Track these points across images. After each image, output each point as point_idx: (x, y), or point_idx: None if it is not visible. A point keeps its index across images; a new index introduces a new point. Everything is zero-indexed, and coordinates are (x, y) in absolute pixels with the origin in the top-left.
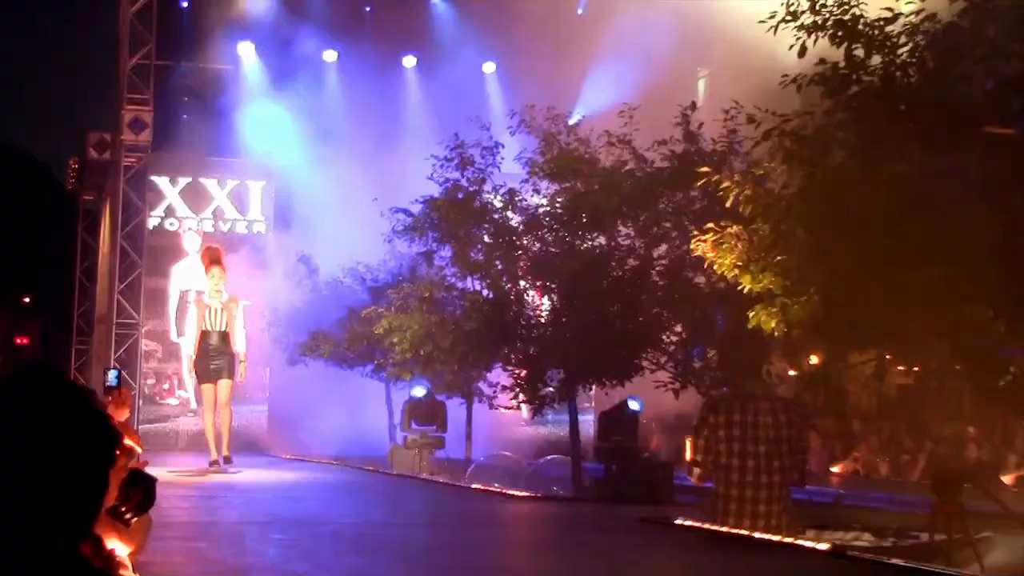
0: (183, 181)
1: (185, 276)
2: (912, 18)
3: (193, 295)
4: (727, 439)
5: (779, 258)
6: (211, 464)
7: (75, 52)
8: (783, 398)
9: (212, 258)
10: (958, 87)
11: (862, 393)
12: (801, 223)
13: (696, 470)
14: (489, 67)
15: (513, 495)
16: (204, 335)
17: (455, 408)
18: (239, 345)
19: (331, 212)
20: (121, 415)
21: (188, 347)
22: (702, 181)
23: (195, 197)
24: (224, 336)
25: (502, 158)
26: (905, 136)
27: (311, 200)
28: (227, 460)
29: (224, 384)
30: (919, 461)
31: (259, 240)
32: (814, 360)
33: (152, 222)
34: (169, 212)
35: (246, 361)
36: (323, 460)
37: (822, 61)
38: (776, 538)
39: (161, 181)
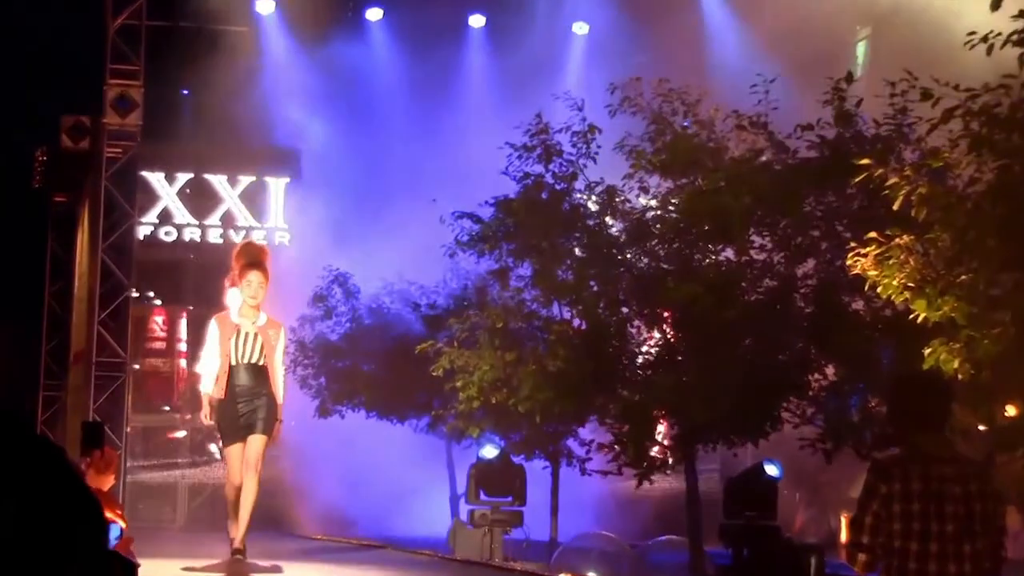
0: (183, 178)
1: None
2: None
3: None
4: (903, 516)
5: (964, 277)
6: (233, 554)
7: (44, 11)
8: (973, 461)
9: (251, 259)
10: None
11: None
12: (993, 231)
13: (860, 556)
14: (581, 28)
15: None
16: (230, 372)
17: (536, 474)
18: (278, 389)
19: (374, 217)
20: (104, 482)
21: (207, 384)
22: (861, 176)
23: (198, 198)
24: (260, 373)
25: (599, 147)
26: None
27: (348, 202)
28: (238, 553)
29: (255, 442)
30: None
31: (281, 254)
32: (1011, 411)
33: (143, 231)
34: (165, 218)
35: (282, 417)
36: (365, 542)
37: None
38: None
39: (155, 178)
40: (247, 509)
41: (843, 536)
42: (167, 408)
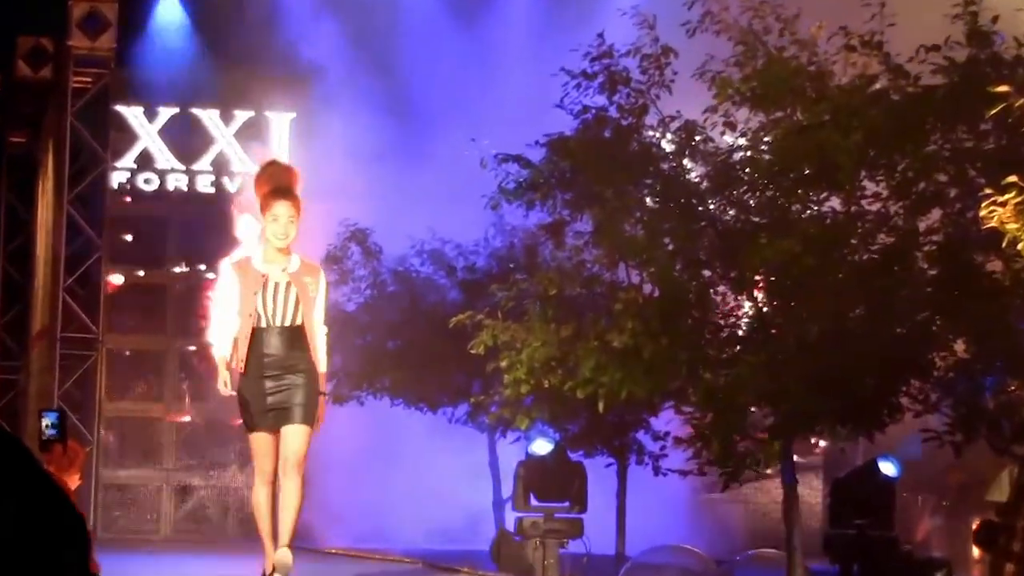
0: (166, 113)
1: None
2: None
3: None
4: None
5: None
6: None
7: None
8: None
9: (276, 183)
10: None
11: None
12: None
13: (1009, 567)
14: None
15: None
16: (254, 336)
17: (599, 473)
18: (320, 356)
19: (399, 161)
20: (68, 482)
21: (221, 347)
22: (999, 108)
23: (186, 138)
24: (296, 337)
25: (674, 73)
26: None
27: (367, 143)
28: (278, 571)
29: (295, 436)
30: None
31: None
32: None
33: (118, 178)
34: (144, 162)
35: (326, 389)
36: (392, 557)
37: None
38: None
39: (132, 113)
40: (292, 514)
41: (977, 547)
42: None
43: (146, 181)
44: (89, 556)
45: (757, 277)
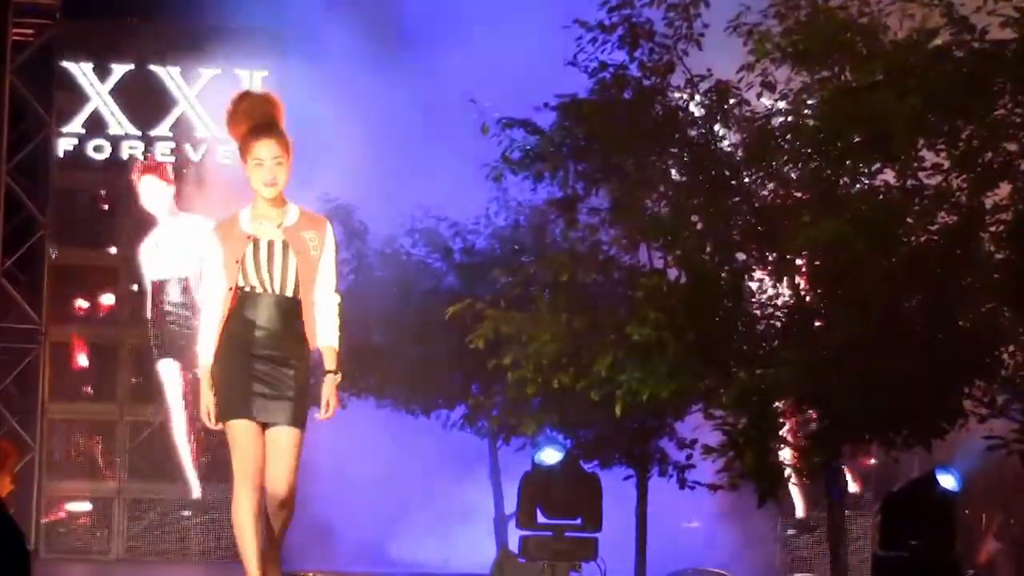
0: (120, 70)
1: (163, 258)
2: None
3: (175, 287)
4: None
5: None
6: None
7: None
8: None
9: (256, 119)
10: None
11: None
12: None
13: None
14: None
15: None
16: (237, 304)
17: (615, 486)
18: (326, 332)
19: (387, 127)
20: None
21: (205, 345)
22: None
23: (142, 99)
24: (292, 310)
25: (705, 26)
26: None
27: (350, 105)
28: None
29: (282, 439)
30: None
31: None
32: None
33: (64, 145)
34: (94, 126)
35: (337, 367)
36: None
37: None
38: None
39: (81, 71)
40: (277, 536)
41: None
42: None
43: (96, 148)
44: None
45: (799, 261)
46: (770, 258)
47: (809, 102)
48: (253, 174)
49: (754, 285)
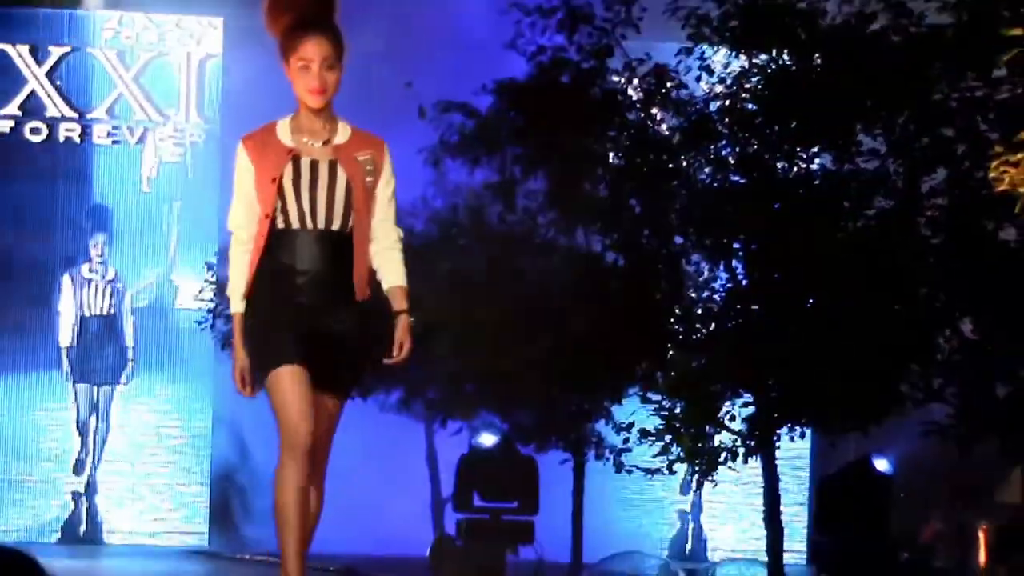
0: (57, 52)
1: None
2: None
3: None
4: None
5: None
6: None
7: None
8: None
9: (301, 11)
10: None
11: None
12: None
13: None
14: None
15: None
16: (272, 244)
17: (552, 470)
18: (393, 272)
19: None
20: None
21: (237, 277)
22: (1014, 52)
23: (77, 77)
24: (342, 247)
25: (643, 10)
26: None
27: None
28: None
29: (327, 403)
30: None
31: (195, 160)
32: None
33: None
34: (31, 108)
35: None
36: (317, 565)
37: None
38: None
39: (17, 52)
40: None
41: (982, 555)
42: None
43: (32, 131)
44: None
45: (736, 245)
46: (707, 242)
47: (747, 86)
48: (298, 79)
49: (691, 268)
